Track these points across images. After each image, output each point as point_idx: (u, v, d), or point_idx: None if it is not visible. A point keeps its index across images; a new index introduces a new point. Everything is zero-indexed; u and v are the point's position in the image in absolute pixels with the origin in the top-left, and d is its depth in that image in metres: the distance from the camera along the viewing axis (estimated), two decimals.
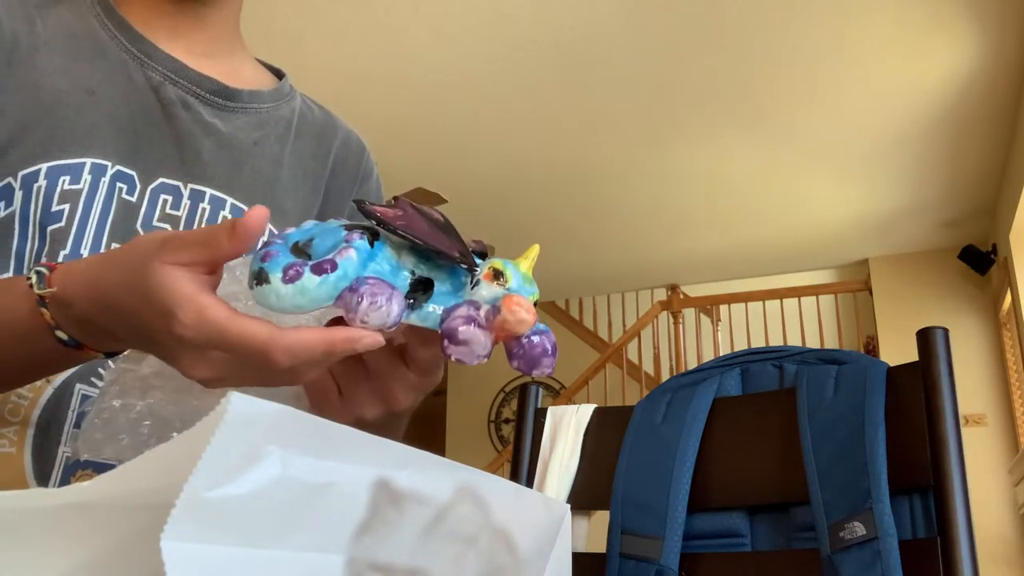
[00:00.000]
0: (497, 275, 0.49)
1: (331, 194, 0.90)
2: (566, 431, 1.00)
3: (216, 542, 0.29)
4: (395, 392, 0.54)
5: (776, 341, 6.20)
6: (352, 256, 0.46)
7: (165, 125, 0.77)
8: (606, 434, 0.99)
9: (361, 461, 0.35)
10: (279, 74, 0.91)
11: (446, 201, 4.71)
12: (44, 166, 0.70)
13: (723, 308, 6.82)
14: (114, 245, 0.72)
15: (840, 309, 6.45)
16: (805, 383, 0.87)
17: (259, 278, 0.46)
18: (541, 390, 1.09)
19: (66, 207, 0.70)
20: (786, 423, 0.87)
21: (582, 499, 0.97)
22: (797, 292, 6.22)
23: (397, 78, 3.89)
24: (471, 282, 0.50)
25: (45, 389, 0.69)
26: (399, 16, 3.49)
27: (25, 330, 0.54)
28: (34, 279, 0.53)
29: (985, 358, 5.55)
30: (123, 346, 0.55)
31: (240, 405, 0.30)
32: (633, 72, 3.90)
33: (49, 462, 0.68)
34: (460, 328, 0.47)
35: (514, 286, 0.49)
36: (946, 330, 0.81)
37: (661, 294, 6.93)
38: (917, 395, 0.79)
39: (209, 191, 0.78)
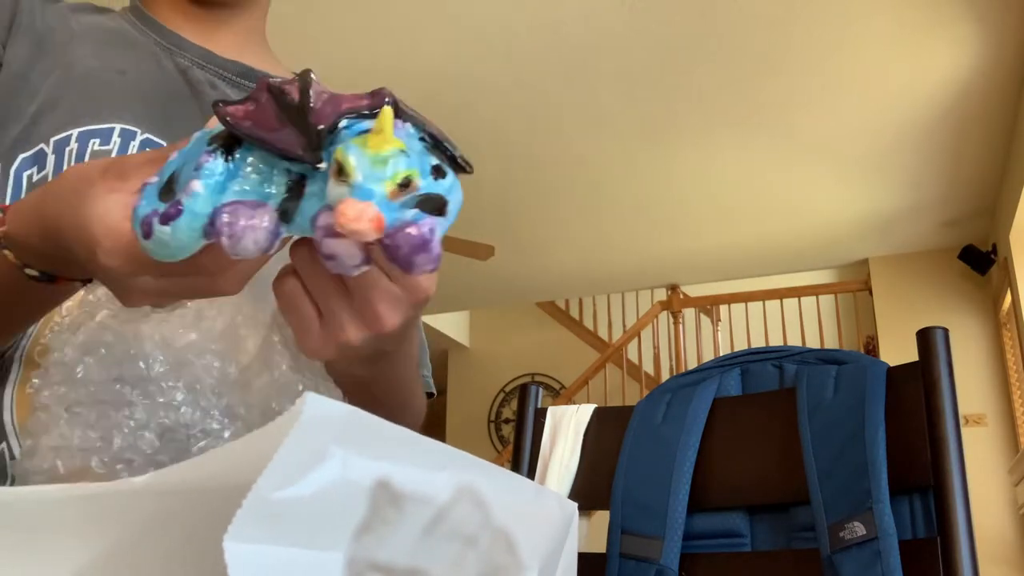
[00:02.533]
0: (340, 171, 0.39)
1: None
2: (566, 431, 1.00)
3: (276, 543, 0.29)
4: (378, 310, 0.47)
5: (776, 341, 6.20)
6: (198, 190, 0.41)
7: (193, 103, 0.79)
8: (606, 434, 0.99)
9: (417, 463, 0.35)
10: None
11: None
12: (75, 131, 0.72)
13: (723, 308, 6.83)
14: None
15: (840, 309, 6.46)
16: (805, 383, 0.87)
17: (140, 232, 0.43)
18: (541, 390, 1.09)
19: None
20: (786, 423, 0.87)
21: (582, 499, 0.97)
22: (797, 292, 6.22)
23: (396, 77, 3.89)
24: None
25: None
26: (399, 15, 3.49)
27: (2, 275, 0.53)
28: None
29: (985, 358, 5.55)
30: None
31: (316, 406, 0.30)
32: (633, 72, 3.90)
33: None
34: (323, 241, 0.40)
35: (358, 181, 0.39)
36: (946, 330, 0.81)
37: (661, 294, 6.93)
38: (917, 395, 0.79)
39: None
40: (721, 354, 1.14)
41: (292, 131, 0.41)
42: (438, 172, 0.41)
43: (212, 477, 0.31)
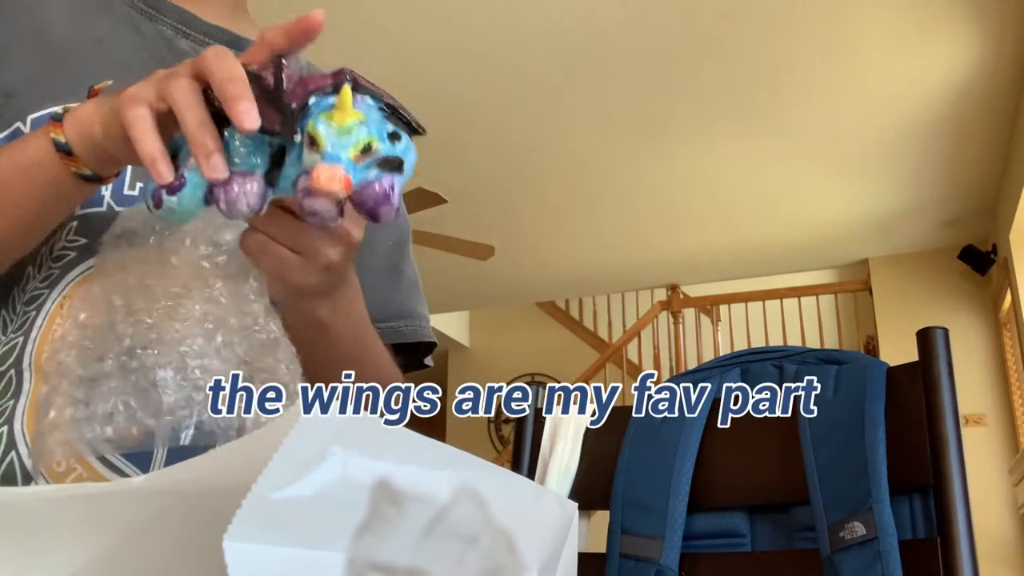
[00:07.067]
0: (312, 142, 0.47)
1: None
2: (566, 431, 1.00)
3: (276, 543, 0.30)
4: (345, 227, 0.55)
5: (776, 341, 6.20)
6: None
7: None
8: (606, 434, 0.99)
9: (417, 462, 0.35)
10: None
11: (445, 201, 4.70)
12: (56, 109, 0.67)
13: (723, 308, 6.82)
14: (138, 185, 0.70)
15: (840, 309, 6.45)
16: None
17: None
18: (542, 391, 1.08)
19: None
20: (786, 423, 0.87)
21: (582, 499, 0.97)
22: (797, 292, 6.22)
23: (395, 76, 3.89)
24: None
25: None
26: (398, 14, 3.49)
27: (44, 180, 0.56)
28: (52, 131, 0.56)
29: (985, 358, 5.55)
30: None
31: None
32: (633, 71, 3.90)
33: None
34: (304, 201, 0.48)
35: (327, 150, 0.47)
36: (946, 330, 0.81)
37: (661, 294, 6.93)
38: (917, 395, 0.79)
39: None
40: (721, 354, 1.14)
41: (270, 110, 0.48)
42: (394, 137, 0.49)
43: (212, 477, 0.31)
